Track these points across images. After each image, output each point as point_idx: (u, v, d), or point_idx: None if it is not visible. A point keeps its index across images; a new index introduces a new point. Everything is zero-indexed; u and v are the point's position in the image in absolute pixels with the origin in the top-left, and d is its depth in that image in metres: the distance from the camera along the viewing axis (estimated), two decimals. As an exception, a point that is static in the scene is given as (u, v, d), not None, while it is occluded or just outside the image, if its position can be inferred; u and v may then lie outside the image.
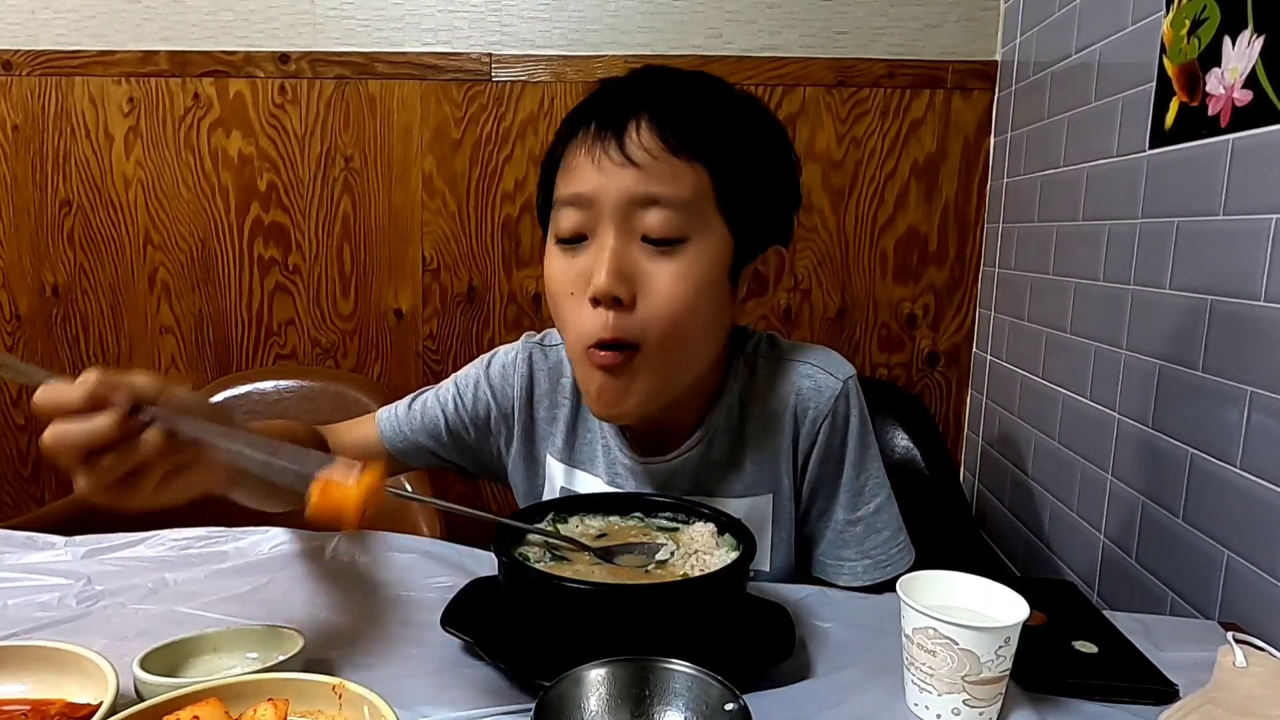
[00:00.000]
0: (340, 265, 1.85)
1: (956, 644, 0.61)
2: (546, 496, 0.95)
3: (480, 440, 0.97)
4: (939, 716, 0.63)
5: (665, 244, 0.74)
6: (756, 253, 0.82)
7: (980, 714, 0.63)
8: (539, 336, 0.96)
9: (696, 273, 0.75)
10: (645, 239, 0.75)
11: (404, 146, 1.80)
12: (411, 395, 1.00)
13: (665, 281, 0.75)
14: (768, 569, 0.90)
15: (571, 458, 0.93)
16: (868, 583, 0.88)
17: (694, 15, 1.72)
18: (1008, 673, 0.63)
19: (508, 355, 0.96)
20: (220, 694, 0.54)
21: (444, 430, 0.96)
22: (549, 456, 0.95)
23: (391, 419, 0.99)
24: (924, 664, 0.63)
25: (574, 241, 0.77)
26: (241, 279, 1.88)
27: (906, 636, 0.65)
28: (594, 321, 0.75)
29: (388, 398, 1.48)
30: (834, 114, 1.73)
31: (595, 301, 0.75)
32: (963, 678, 0.61)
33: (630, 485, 0.90)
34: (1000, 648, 0.61)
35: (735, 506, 0.87)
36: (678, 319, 0.75)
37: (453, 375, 0.99)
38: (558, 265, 0.78)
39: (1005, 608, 0.65)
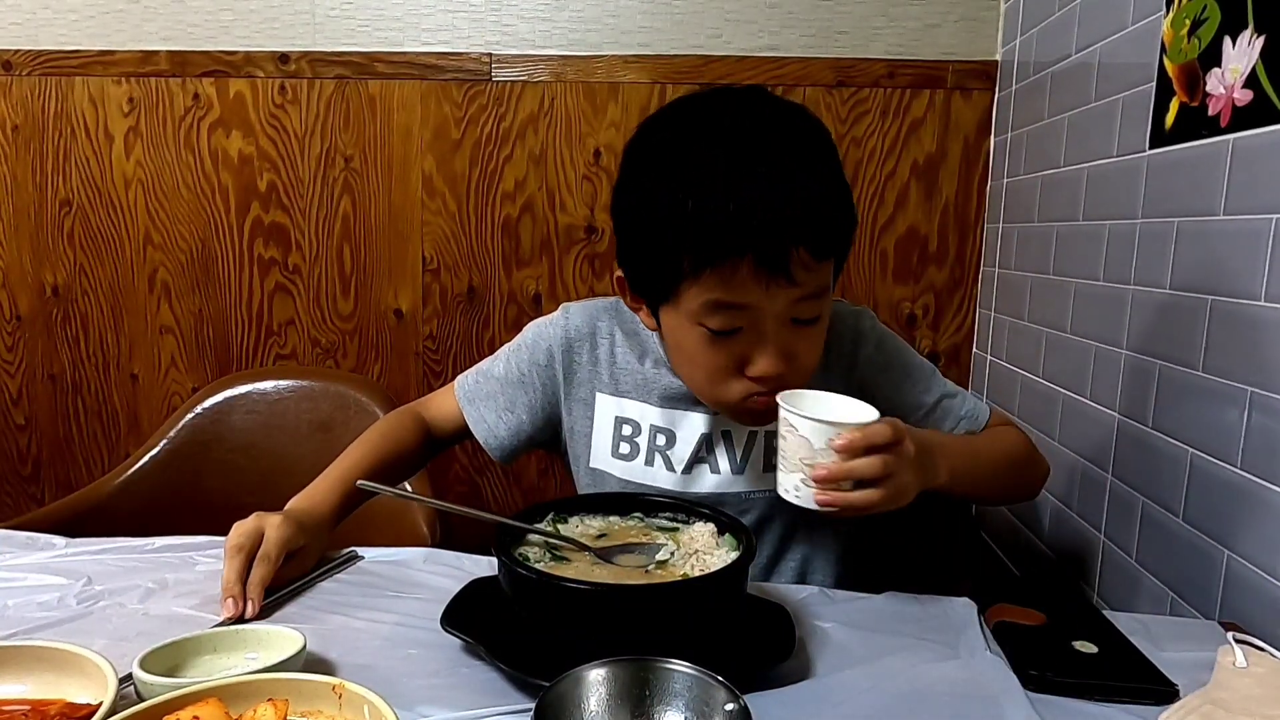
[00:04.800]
0: (340, 265, 1.86)
1: (797, 431, 0.74)
2: (597, 431, 1.02)
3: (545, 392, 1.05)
4: (786, 491, 0.77)
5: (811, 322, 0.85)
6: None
7: (815, 497, 0.74)
8: (564, 307, 1.06)
9: (825, 328, 0.88)
10: (794, 321, 0.83)
11: (404, 146, 1.80)
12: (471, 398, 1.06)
13: (809, 348, 0.86)
14: None
15: (618, 389, 1.02)
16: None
17: (694, 15, 1.72)
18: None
19: (540, 324, 1.06)
20: (220, 694, 0.54)
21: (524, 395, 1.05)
22: (598, 394, 1.02)
23: (489, 433, 1.05)
24: (780, 447, 0.77)
25: (728, 335, 0.83)
26: (241, 279, 1.88)
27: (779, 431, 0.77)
28: (750, 387, 0.84)
29: (387, 398, 1.49)
30: (834, 114, 1.72)
31: (757, 378, 0.83)
32: (800, 459, 0.74)
33: (679, 403, 0.98)
34: (832, 440, 0.73)
35: None
36: (814, 369, 0.88)
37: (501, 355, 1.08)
38: (708, 352, 0.84)
39: (856, 416, 0.76)
